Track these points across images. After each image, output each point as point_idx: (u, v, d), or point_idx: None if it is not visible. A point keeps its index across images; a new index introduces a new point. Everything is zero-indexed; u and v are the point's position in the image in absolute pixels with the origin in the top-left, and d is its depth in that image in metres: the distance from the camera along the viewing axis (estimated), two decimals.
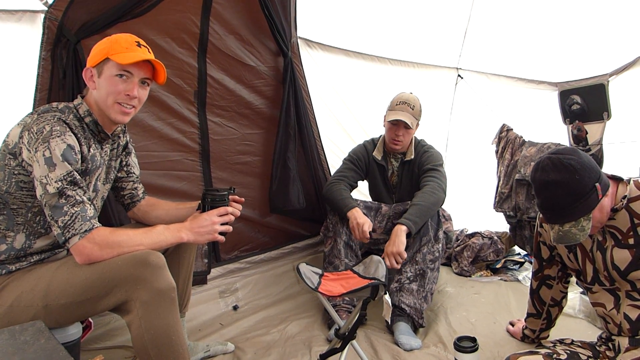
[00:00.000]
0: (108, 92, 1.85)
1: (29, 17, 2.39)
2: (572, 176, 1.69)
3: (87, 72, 1.88)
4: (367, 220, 2.88)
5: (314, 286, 2.14)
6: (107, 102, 1.86)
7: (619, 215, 1.83)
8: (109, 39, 1.89)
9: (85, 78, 1.89)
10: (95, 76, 1.87)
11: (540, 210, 1.83)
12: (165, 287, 1.68)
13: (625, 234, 1.83)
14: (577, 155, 1.73)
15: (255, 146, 3.38)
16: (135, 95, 1.88)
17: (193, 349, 2.47)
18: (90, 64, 1.87)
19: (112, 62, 1.83)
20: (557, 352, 1.90)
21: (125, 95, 1.87)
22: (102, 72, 1.85)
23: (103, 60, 1.84)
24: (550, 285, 2.26)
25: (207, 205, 1.99)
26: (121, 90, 1.86)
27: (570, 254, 2.03)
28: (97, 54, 1.86)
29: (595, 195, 1.69)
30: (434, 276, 2.93)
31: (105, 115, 1.90)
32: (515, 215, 3.89)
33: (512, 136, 4.05)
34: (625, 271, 1.82)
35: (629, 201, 1.81)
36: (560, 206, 1.72)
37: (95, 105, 1.90)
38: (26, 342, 1.25)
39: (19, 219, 1.80)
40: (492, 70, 4.49)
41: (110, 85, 1.85)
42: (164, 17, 2.74)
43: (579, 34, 3.80)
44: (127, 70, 1.85)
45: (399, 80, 4.19)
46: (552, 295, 2.29)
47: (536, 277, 2.29)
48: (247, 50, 3.18)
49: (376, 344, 2.63)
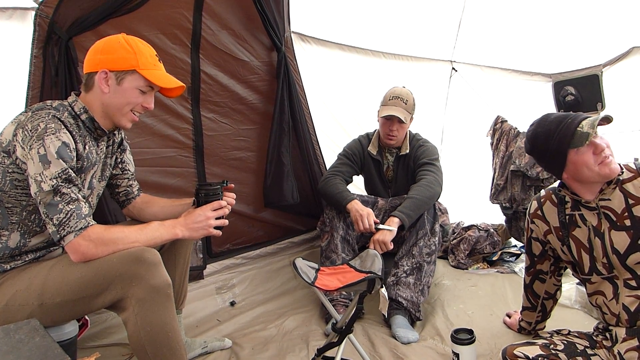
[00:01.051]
0: (127, 101, 1.88)
1: (20, 14, 2.38)
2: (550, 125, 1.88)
3: (101, 74, 1.85)
4: (369, 210, 2.87)
5: (311, 281, 2.13)
6: (123, 110, 1.89)
7: (614, 195, 1.86)
8: (130, 46, 1.86)
9: (99, 79, 1.85)
10: (112, 80, 1.85)
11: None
12: (161, 283, 1.67)
13: (620, 215, 1.85)
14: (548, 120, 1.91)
15: (250, 142, 3.37)
16: (151, 109, 1.96)
17: (190, 346, 2.47)
18: (108, 67, 1.84)
19: (139, 76, 1.86)
20: (554, 343, 1.90)
21: (142, 107, 1.93)
22: (123, 80, 1.85)
23: (129, 70, 1.85)
24: (543, 279, 2.27)
25: (201, 200, 1.99)
26: (140, 102, 1.91)
27: (563, 246, 2.03)
28: (120, 61, 1.84)
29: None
30: (430, 269, 2.94)
31: (113, 119, 1.92)
32: (511, 206, 3.91)
33: (507, 127, 4.05)
34: (625, 254, 1.83)
35: (621, 182, 1.85)
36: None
37: (100, 107, 1.89)
38: (21, 340, 1.24)
39: (13, 217, 1.79)
40: (486, 62, 4.48)
41: (131, 96, 1.88)
42: (156, 13, 2.73)
43: (573, 25, 3.80)
44: (150, 87, 1.90)
45: (394, 73, 4.18)
46: (546, 288, 2.29)
47: (529, 272, 2.30)
48: (241, 46, 3.16)
49: (373, 337, 2.63)
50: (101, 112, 1.90)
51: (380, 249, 2.71)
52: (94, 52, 1.88)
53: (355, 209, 2.88)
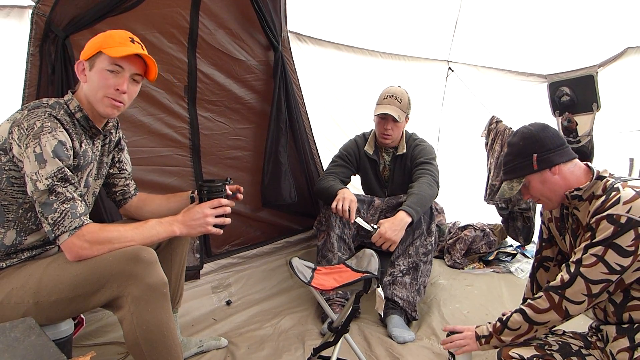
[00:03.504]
0: (99, 85, 1.84)
1: (17, 12, 2.36)
2: (518, 142, 1.98)
3: (79, 65, 1.87)
4: (354, 198, 2.87)
5: (307, 280, 2.13)
6: (97, 95, 1.85)
7: (582, 207, 1.89)
8: (104, 33, 1.88)
9: (77, 71, 1.88)
10: (86, 69, 1.86)
11: None
12: (157, 282, 1.67)
13: (584, 226, 1.88)
14: (537, 127, 1.98)
15: (246, 141, 3.36)
16: (124, 90, 1.87)
17: (186, 345, 2.47)
18: (83, 57, 1.86)
19: (104, 56, 1.82)
20: (548, 343, 1.91)
21: (115, 90, 1.86)
22: (93, 65, 1.84)
23: (96, 54, 1.83)
24: (547, 267, 2.28)
25: (204, 197, 1.98)
26: (111, 85, 1.85)
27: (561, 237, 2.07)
28: (90, 48, 1.85)
29: (529, 164, 1.92)
30: (426, 269, 2.94)
31: (95, 109, 1.89)
32: (506, 207, 3.91)
33: (502, 128, 4.06)
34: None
35: (590, 197, 1.86)
36: (505, 163, 2.05)
37: (86, 100, 1.89)
38: (16, 338, 1.24)
39: (9, 215, 1.79)
40: (482, 62, 4.49)
41: (101, 79, 1.84)
42: (153, 12, 2.72)
43: (568, 26, 3.81)
44: (118, 65, 1.84)
45: (390, 73, 4.19)
46: (549, 278, 2.30)
47: (536, 258, 2.33)
48: (237, 45, 3.16)
49: (370, 337, 2.64)
50: (88, 105, 1.89)
51: (383, 246, 2.70)
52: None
53: (342, 193, 2.88)
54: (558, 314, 1.79)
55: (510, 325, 1.91)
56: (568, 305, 1.77)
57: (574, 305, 1.77)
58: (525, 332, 1.88)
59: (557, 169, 1.91)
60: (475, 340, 2.01)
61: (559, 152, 1.92)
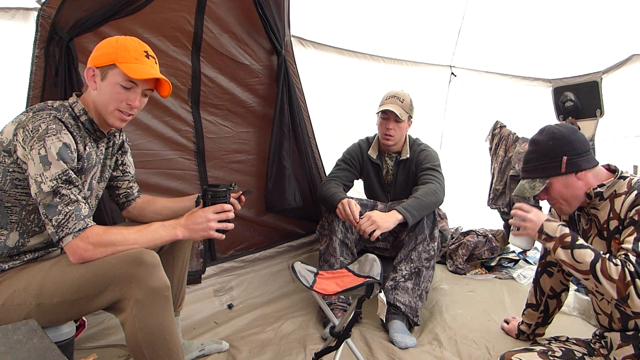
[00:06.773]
0: (111, 98, 1.85)
1: (23, 14, 2.38)
2: (548, 140, 1.93)
3: (89, 71, 1.86)
4: (354, 202, 2.89)
5: (309, 285, 2.13)
6: (108, 108, 1.86)
7: (602, 206, 1.89)
8: (117, 42, 1.86)
9: (87, 76, 1.87)
10: (97, 77, 1.85)
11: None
12: (159, 285, 1.67)
13: (601, 225, 1.88)
14: (568, 129, 1.94)
15: (250, 145, 3.37)
16: (136, 106, 1.90)
17: (187, 348, 2.46)
18: (94, 64, 1.85)
19: (119, 70, 1.82)
20: (552, 350, 1.91)
21: (127, 105, 1.87)
22: (106, 76, 1.84)
23: (109, 65, 1.83)
24: (551, 272, 2.28)
25: (208, 202, 1.98)
26: (123, 99, 1.86)
27: None
28: (103, 56, 1.84)
29: (557, 165, 1.88)
30: (429, 274, 2.94)
31: (102, 116, 1.90)
32: (509, 211, 3.90)
33: (506, 133, 4.06)
34: None
35: (612, 195, 1.86)
36: (528, 160, 2.00)
37: (93, 106, 1.89)
38: (19, 341, 1.24)
39: (12, 217, 1.79)
40: (485, 67, 4.50)
41: (113, 92, 1.84)
42: (157, 16, 2.73)
43: (573, 32, 3.82)
44: (132, 82, 1.85)
45: (393, 78, 4.20)
46: (552, 284, 2.30)
47: (540, 263, 2.33)
48: (241, 49, 3.16)
49: (371, 342, 2.63)
50: (95, 111, 1.90)
51: (367, 230, 2.71)
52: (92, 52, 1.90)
53: (344, 202, 2.89)
54: (618, 292, 1.66)
55: (577, 253, 1.77)
56: (632, 293, 1.64)
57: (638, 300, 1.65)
58: (578, 270, 1.77)
59: (583, 174, 1.90)
60: (536, 231, 1.91)
61: (586, 158, 1.91)
